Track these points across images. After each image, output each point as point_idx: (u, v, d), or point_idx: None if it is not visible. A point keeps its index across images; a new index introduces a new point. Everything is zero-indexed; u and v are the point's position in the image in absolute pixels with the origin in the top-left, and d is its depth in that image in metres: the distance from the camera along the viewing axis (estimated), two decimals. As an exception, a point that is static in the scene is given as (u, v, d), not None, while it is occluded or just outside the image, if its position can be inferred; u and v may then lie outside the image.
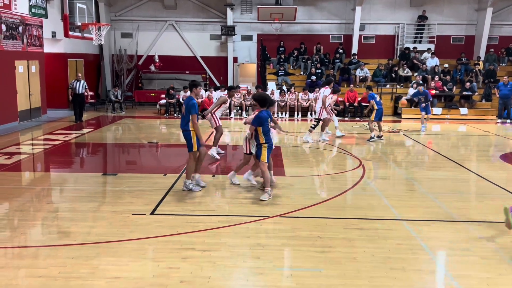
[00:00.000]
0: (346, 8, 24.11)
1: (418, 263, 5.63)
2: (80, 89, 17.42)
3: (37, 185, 9.18)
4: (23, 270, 5.28)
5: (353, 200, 8.32)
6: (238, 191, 8.61)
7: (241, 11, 24.18)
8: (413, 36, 24.28)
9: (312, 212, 7.44)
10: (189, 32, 24.41)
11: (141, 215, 7.14)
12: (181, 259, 5.59)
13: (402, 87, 21.61)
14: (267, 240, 6.19)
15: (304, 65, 22.83)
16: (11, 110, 15.97)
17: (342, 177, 9.92)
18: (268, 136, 8.08)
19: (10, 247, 5.97)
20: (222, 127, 11.65)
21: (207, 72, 24.49)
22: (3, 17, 15.28)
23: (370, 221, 7.04)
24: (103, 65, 24.22)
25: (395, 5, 24.18)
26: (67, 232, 6.42)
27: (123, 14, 24.22)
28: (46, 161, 11.51)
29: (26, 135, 14.64)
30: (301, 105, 20.02)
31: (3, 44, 15.37)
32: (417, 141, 14.47)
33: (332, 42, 24.28)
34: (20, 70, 16.49)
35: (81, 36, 14.38)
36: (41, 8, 17.85)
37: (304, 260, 5.65)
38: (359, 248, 5.99)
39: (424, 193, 8.66)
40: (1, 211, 7.43)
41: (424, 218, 7.20)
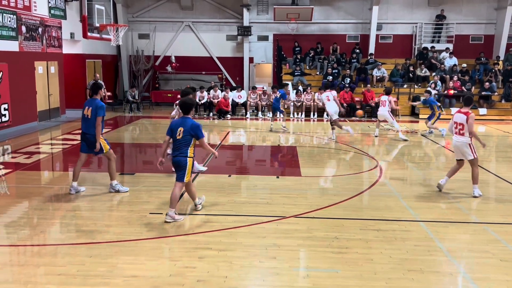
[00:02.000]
0: (363, 7, 23.96)
1: (436, 265, 5.57)
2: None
3: (56, 184, 9.30)
4: (42, 268, 5.36)
5: (370, 201, 8.26)
6: (254, 192, 8.62)
7: (257, 11, 24.18)
8: (431, 35, 24.01)
9: (328, 212, 7.41)
10: (205, 33, 24.50)
11: (158, 214, 7.19)
12: (198, 258, 5.62)
13: (420, 87, 21.39)
14: (283, 241, 6.18)
15: (320, 65, 22.75)
16: (30, 110, 16.22)
17: (359, 178, 9.86)
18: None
19: (29, 245, 6.07)
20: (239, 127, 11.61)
21: (223, 72, 24.56)
22: (23, 19, 15.52)
23: (388, 222, 6.98)
24: (120, 65, 24.45)
25: (412, 5, 23.94)
26: (85, 231, 6.50)
27: (140, 15, 24.42)
28: (64, 160, 11.66)
29: (45, 135, 14.86)
30: (317, 105, 19.94)
31: (23, 45, 15.62)
32: (435, 142, 14.31)
33: (348, 42, 24.15)
34: (40, 71, 16.73)
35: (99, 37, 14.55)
36: (60, 10, 18.09)
37: (320, 261, 5.63)
38: (376, 249, 5.95)
39: (442, 194, 8.55)
40: (21, 210, 7.55)
41: (442, 220, 7.12)
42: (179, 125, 6.84)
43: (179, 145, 6.85)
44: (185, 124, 6.82)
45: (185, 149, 6.82)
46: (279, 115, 17.40)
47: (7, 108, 14.65)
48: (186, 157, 6.82)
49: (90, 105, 8.04)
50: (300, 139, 14.65)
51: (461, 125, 8.25)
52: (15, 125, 15.04)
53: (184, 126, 6.80)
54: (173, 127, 6.90)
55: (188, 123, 6.84)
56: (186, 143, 6.81)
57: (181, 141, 6.81)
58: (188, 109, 6.99)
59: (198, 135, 6.81)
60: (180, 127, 6.82)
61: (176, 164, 6.95)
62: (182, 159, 6.83)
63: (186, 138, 6.79)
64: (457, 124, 8.34)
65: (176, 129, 6.84)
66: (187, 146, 6.81)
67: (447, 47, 23.16)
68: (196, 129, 6.80)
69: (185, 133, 6.77)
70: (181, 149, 6.83)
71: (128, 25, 20.90)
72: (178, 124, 6.87)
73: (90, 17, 13.76)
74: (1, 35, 14.39)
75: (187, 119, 6.92)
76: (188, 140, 6.81)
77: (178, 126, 6.84)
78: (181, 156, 6.83)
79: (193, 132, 6.78)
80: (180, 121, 6.93)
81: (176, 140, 6.86)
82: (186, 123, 6.85)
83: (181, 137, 6.79)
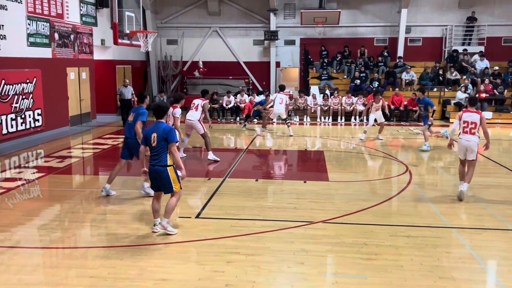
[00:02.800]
0: (391, 10, 23.69)
1: (468, 273, 5.45)
2: (127, 95, 17.89)
3: (87, 188, 9.49)
4: (74, 270, 5.46)
5: (400, 206, 8.13)
6: (281, 196, 8.60)
7: (284, 15, 24.21)
8: (462, 38, 23.55)
9: (357, 218, 7.33)
10: (232, 38, 24.65)
11: (186, 218, 7.25)
12: (226, 262, 5.64)
13: (450, 91, 21.00)
14: (311, 246, 6.14)
15: (347, 68, 22.59)
16: (63, 115, 16.60)
17: (388, 183, 9.73)
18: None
19: (61, 248, 6.20)
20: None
21: (250, 77, 24.64)
22: (56, 26, 15.94)
23: (418, 228, 6.86)
24: (149, 71, 24.82)
25: (442, 7, 23.55)
26: (115, 234, 6.60)
27: (169, 21, 24.76)
28: (95, 164, 11.89)
29: (76, 139, 15.19)
30: (345, 109, 19.79)
31: (56, 52, 16.03)
32: (466, 146, 13.99)
33: (376, 45, 23.90)
34: (72, 77, 17.13)
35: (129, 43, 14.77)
36: (91, 17, 18.50)
37: (349, 267, 5.57)
38: (407, 256, 5.85)
39: (475, 200, 8.36)
40: (53, 213, 7.73)
41: (475, 226, 6.96)
42: (152, 131, 6.45)
43: (156, 153, 6.43)
44: (157, 129, 6.44)
45: (163, 157, 6.39)
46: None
47: (41, 113, 15.04)
48: (165, 166, 6.38)
49: (134, 111, 8.31)
50: (327, 144, 14.56)
51: (473, 123, 8.22)
52: (47, 130, 15.42)
53: (157, 131, 6.42)
54: (147, 135, 6.52)
55: (160, 127, 6.45)
56: (163, 149, 6.38)
57: (157, 148, 6.40)
58: (162, 114, 6.58)
59: (168, 139, 6.36)
60: (154, 133, 6.43)
61: (153, 174, 6.47)
62: (160, 169, 6.39)
63: (161, 144, 6.38)
64: (469, 123, 8.27)
65: (150, 136, 6.45)
66: (164, 153, 6.39)
67: (480, 50, 22.65)
68: (169, 132, 6.38)
69: (159, 139, 6.38)
70: (159, 157, 6.40)
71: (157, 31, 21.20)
72: (151, 131, 6.48)
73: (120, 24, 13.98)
74: (35, 42, 14.81)
75: (159, 123, 6.52)
76: (164, 146, 6.38)
77: (152, 133, 6.45)
78: (159, 166, 6.40)
79: (165, 135, 6.35)
80: (153, 127, 6.51)
81: (152, 148, 6.46)
82: (159, 127, 6.46)
83: (156, 143, 6.39)
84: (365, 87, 20.94)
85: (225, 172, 10.36)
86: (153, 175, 6.47)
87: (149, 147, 6.51)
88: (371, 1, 23.76)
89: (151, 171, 6.48)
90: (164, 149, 6.38)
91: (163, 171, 6.38)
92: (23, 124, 14.18)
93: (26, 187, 9.29)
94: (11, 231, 6.76)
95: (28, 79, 14.38)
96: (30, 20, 14.49)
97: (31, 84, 14.55)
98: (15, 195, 8.66)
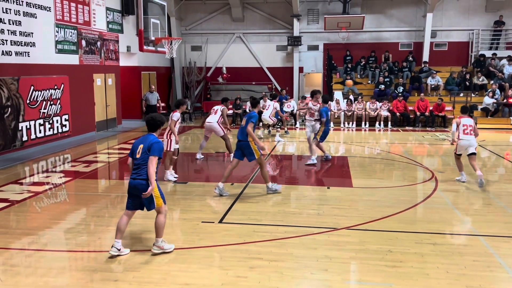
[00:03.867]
0: (416, 15, 23.44)
1: (496, 281, 5.33)
2: (153, 100, 18.11)
3: (112, 192, 9.63)
4: (99, 274, 5.54)
5: (425, 213, 8.00)
6: (304, 202, 8.56)
7: (308, 21, 24.19)
8: (489, 42, 23.13)
9: (381, 225, 7.24)
10: (255, 44, 24.75)
11: (210, 223, 7.28)
12: (249, 268, 5.63)
13: (477, 96, 20.63)
14: (335, 253, 6.09)
15: (372, 73, 22.41)
16: (89, 121, 16.91)
17: (413, 190, 9.59)
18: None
19: (86, 251, 6.30)
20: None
21: (273, 82, 24.67)
22: (83, 33, 16.27)
23: (444, 236, 6.74)
24: (174, 77, 25.10)
25: (469, 11, 23.18)
26: (139, 238, 6.66)
27: (193, 28, 25.01)
28: (120, 169, 12.05)
29: (102, 145, 15.44)
30: (369, 114, 19.62)
31: (83, 58, 16.36)
32: (494, 153, 13.71)
33: (401, 50, 23.67)
34: (98, 83, 17.45)
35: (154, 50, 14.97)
36: (117, 24, 18.83)
37: (373, 274, 5.50)
38: (432, 264, 5.75)
39: (503, 208, 8.17)
40: (79, 217, 7.86)
41: (503, 234, 6.80)
42: (140, 143, 6.02)
43: (137, 166, 5.96)
44: (145, 141, 5.98)
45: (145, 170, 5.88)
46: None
47: (68, 119, 15.35)
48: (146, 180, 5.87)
49: (246, 116, 8.96)
50: (351, 149, 14.45)
51: (471, 126, 9.85)
52: (74, 135, 15.73)
53: (144, 143, 5.96)
54: (134, 146, 6.06)
55: (147, 139, 5.98)
56: (145, 162, 5.86)
57: (139, 160, 5.92)
58: (154, 127, 6.13)
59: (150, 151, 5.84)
60: (141, 144, 5.99)
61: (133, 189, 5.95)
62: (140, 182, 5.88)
63: (144, 156, 5.90)
64: (467, 126, 9.85)
65: (137, 148, 6.00)
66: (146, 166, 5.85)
67: (509, 54, 22.19)
68: (153, 144, 5.87)
69: (143, 150, 5.92)
70: (141, 170, 5.91)
71: (182, 38, 21.44)
72: (139, 142, 6.04)
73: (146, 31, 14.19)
74: (63, 49, 15.14)
75: (148, 135, 6.05)
76: (147, 158, 5.86)
77: (139, 144, 6.01)
78: (140, 179, 5.90)
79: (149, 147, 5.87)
80: (142, 139, 6.08)
81: (135, 159, 5.99)
82: (146, 139, 5.99)
83: (140, 155, 5.93)
84: (389, 92, 20.73)
85: (248, 177, 10.38)
86: (133, 190, 5.94)
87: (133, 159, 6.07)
88: (396, 6, 23.56)
89: (130, 186, 5.96)
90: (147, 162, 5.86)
91: (143, 184, 5.85)
92: (50, 129, 14.49)
93: (53, 191, 9.47)
94: (39, 234, 6.90)
95: (56, 85, 14.71)
96: (58, 27, 14.83)
97: (59, 90, 14.88)
98: (42, 199, 8.85)
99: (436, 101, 19.34)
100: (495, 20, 22.77)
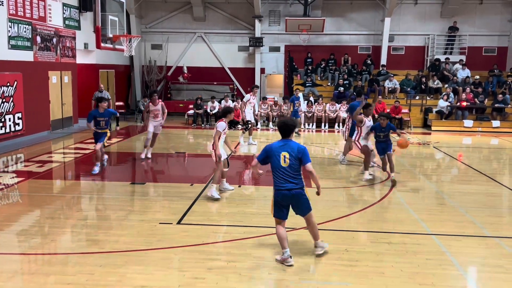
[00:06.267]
0: (375, 19, 23.97)
1: (448, 279, 5.50)
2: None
3: (68, 193, 9.37)
4: (52, 277, 5.37)
5: (381, 213, 8.18)
6: (264, 202, 8.59)
7: (269, 22, 24.31)
8: (444, 47, 23.92)
9: (338, 224, 7.35)
10: (217, 44, 24.67)
11: (168, 224, 7.19)
12: (207, 269, 5.60)
13: (432, 99, 21.28)
14: (293, 252, 6.13)
15: (331, 76, 22.75)
16: (44, 119, 16.39)
17: (370, 190, 9.79)
18: None
19: (40, 254, 6.10)
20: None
21: (235, 83, 24.66)
22: (38, 29, 15.76)
23: (399, 235, 6.90)
24: (133, 75, 24.68)
25: (425, 16, 23.90)
26: (95, 240, 6.51)
27: (154, 26, 24.68)
28: (76, 169, 11.75)
29: (57, 144, 14.99)
30: (329, 116, 19.92)
31: (38, 55, 15.84)
32: (448, 154, 14.18)
33: (360, 53, 24.15)
34: (54, 81, 16.94)
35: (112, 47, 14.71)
36: (74, 20, 18.35)
37: (330, 274, 5.57)
38: (388, 263, 5.88)
39: (455, 207, 8.46)
40: (32, 218, 7.61)
41: (454, 233, 7.03)
42: (281, 150, 5.88)
43: (287, 173, 5.91)
44: (289, 148, 5.90)
45: (300, 180, 5.99)
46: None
47: (21, 117, 14.83)
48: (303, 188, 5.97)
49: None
50: (311, 150, 14.61)
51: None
52: (28, 134, 15.20)
53: (289, 150, 5.89)
54: (271, 152, 5.91)
55: (292, 146, 5.90)
56: (297, 170, 6.00)
57: (289, 169, 5.89)
58: (289, 132, 5.97)
59: (303, 159, 5.91)
60: (283, 152, 5.88)
61: (291, 198, 5.87)
62: (300, 192, 5.96)
63: (294, 164, 5.92)
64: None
65: (278, 155, 5.87)
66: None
67: (460, 59, 23.03)
68: (306, 151, 5.93)
69: (293, 159, 5.91)
70: (295, 179, 5.93)
71: (141, 36, 21.13)
72: (280, 149, 5.88)
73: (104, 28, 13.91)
74: (16, 45, 14.62)
75: (290, 142, 5.95)
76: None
77: (280, 151, 5.87)
78: (297, 189, 5.95)
79: (300, 155, 5.91)
80: (282, 145, 5.92)
81: (280, 168, 5.88)
82: (291, 147, 5.90)
83: (288, 164, 5.92)
84: (348, 95, 21.09)
85: (208, 178, 10.32)
86: (291, 199, 5.87)
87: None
88: (355, 10, 24.01)
89: (287, 196, 5.84)
90: (298, 169, 5.92)
91: (304, 195, 5.93)
92: (2, 128, 13.96)
93: (5, 192, 9.13)
94: (-12, 237, 6.63)
95: (8, 82, 14.18)
96: (11, 22, 14.30)
97: (12, 88, 14.35)
98: (-7, 200, 8.50)
99: (393, 103, 19.83)
100: (450, 26, 23.58)
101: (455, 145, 16.27)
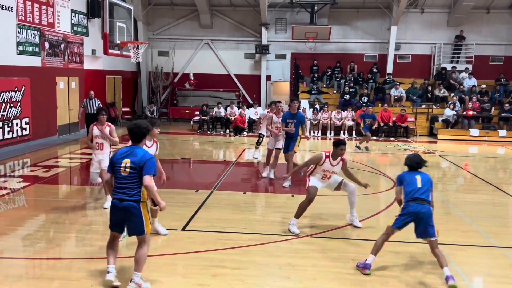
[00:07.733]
0: (381, 27, 23.99)
1: (454, 289, 5.45)
2: (92, 108, 15.03)
3: (73, 198, 9.40)
4: (57, 282, 5.38)
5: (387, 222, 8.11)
6: (268, 210, 8.58)
7: (276, 30, 24.39)
8: (450, 56, 23.89)
9: (344, 233, 7.33)
10: (224, 51, 24.76)
11: (172, 230, 7.19)
12: (211, 276, 5.59)
13: (438, 107, 21.23)
14: (298, 260, 6.12)
15: (337, 84, 22.77)
16: (51, 125, 16.48)
17: (376, 198, 9.76)
18: None
19: (45, 259, 6.12)
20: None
21: (241, 90, 24.73)
22: (46, 35, 15.89)
23: (405, 244, 6.87)
24: (140, 82, 24.81)
25: (431, 25, 23.90)
26: (100, 246, 6.51)
27: (161, 33, 24.82)
28: (82, 174, 11.79)
29: (64, 149, 15.06)
30: (334, 123, 19.92)
31: (46, 60, 15.96)
32: (454, 163, 14.13)
33: (366, 61, 24.15)
34: (61, 86, 17.04)
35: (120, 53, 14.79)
36: (82, 27, 18.49)
37: (335, 282, 5.55)
38: (392, 272, 5.86)
39: (461, 217, 8.41)
40: (38, 223, 7.63)
41: (460, 243, 6.99)
42: (123, 157, 5.06)
43: (124, 184, 5.02)
44: (132, 156, 5.03)
45: (137, 191, 5.04)
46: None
47: (28, 122, 14.92)
48: (138, 202, 5.05)
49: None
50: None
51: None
52: (35, 139, 15.28)
53: (131, 159, 5.01)
54: (114, 161, 5.11)
55: (136, 154, 5.04)
56: (137, 182, 5.01)
57: (128, 179, 5.01)
58: (140, 137, 5.16)
59: (145, 170, 4.96)
60: (125, 159, 5.03)
61: (121, 210, 5.02)
62: (132, 205, 5.01)
63: (134, 175, 5.01)
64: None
65: (119, 163, 5.06)
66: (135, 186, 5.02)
67: (466, 67, 22.98)
68: (150, 163, 5.00)
69: (132, 168, 5.00)
70: (131, 191, 5.02)
71: (148, 43, 21.23)
72: (122, 156, 5.08)
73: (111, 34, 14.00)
74: (24, 50, 14.74)
75: (136, 149, 5.10)
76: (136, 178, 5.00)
77: (122, 159, 5.06)
78: (130, 201, 5.01)
79: (142, 165, 4.98)
80: (126, 153, 5.10)
81: (119, 177, 5.05)
82: (135, 155, 5.04)
83: (128, 173, 5.02)
84: (354, 102, 21.10)
85: (213, 184, 10.33)
86: (121, 212, 5.06)
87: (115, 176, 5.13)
88: (362, 18, 24.04)
89: (117, 207, 5.06)
90: (138, 181, 5.04)
91: (138, 209, 5.05)
92: (10, 132, 14.05)
93: (11, 196, 9.18)
94: (-6, 241, 6.66)
95: (16, 87, 14.29)
96: (20, 28, 14.44)
97: (20, 93, 14.46)
98: (-1, 204, 8.56)
99: (399, 112, 19.80)
100: (456, 35, 23.55)
101: (461, 154, 16.21)
